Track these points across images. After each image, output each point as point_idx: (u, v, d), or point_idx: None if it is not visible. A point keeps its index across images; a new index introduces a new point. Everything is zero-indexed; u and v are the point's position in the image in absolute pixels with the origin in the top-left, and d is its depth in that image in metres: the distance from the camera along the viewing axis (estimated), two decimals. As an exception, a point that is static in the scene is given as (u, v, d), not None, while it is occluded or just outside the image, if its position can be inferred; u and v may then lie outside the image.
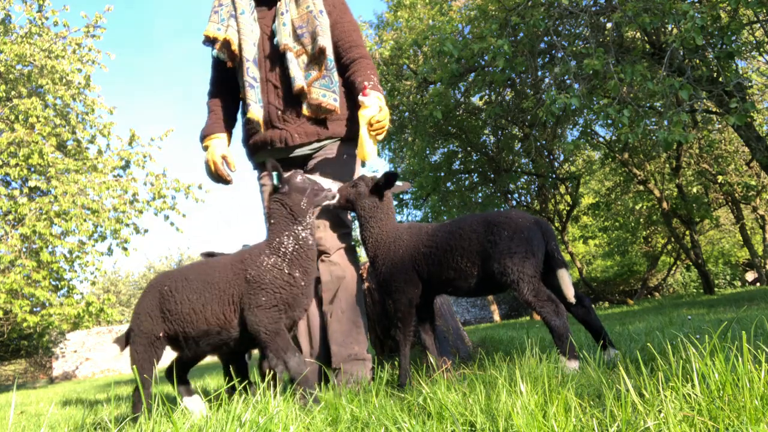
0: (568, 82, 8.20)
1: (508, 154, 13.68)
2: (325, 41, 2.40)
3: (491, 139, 14.04)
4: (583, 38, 8.42)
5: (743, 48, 7.84)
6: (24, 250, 9.77)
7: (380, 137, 2.38)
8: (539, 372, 1.77)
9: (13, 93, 10.25)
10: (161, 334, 2.21)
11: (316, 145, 2.57)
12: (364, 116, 2.31)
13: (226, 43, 2.47)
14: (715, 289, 14.94)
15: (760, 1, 5.87)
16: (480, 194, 14.63)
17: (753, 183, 13.91)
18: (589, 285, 16.46)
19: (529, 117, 10.63)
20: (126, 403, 3.37)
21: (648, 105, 8.79)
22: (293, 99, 2.47)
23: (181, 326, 2.18)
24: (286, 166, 2.61)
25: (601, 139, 13.14)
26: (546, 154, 13.62)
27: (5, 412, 3.83)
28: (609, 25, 8.07)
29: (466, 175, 14.39)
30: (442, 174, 13.54)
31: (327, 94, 2.40)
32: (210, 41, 2.52)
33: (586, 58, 7.05)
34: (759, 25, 7.64)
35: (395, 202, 15.23)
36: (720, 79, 6.98)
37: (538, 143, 11.82)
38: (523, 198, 15.85)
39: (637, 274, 21.83)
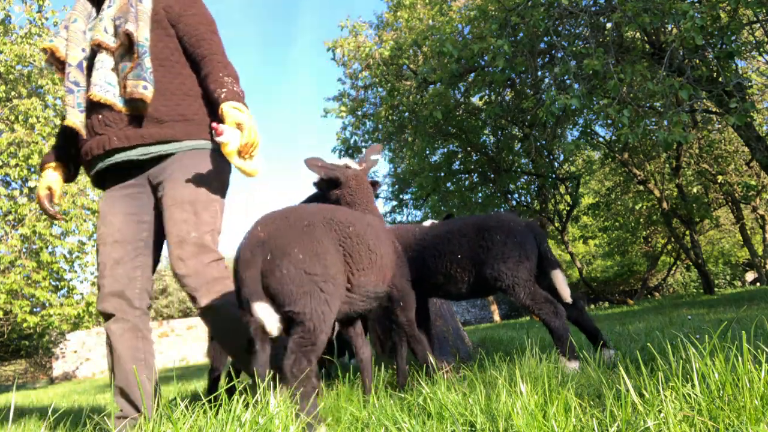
0: (568, 82, 8.20)
1: (508, 154, 13.67)
2: (133, 26, 2.15)
3: (491, 139, 14.04)
4: (583, 38, 8.42)
5: (743, 48, 7.84)
6: (24, 250, 9.77)
7: (255, 152, 2.13)
8: (539, 372, 1.77)
9: (13, 93, 10.25)
10: (348, 286, 1.98)
11: (142, 150, 2.20)
12: (228, 154, 2.08)
13: (51, 52, 2.30)
14: (715, 289, 14.94)
15: (759, 1, 5.87)
16: (480, 194, 14.62)
17: (753, 183, 13.90)
18: (589, 285, 16.47)
19: (529, 117, 10.63)
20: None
21: (648, 105, 8.80)
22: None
23: (368, 280, 2.02)
24: (113, 177, 2.30)
25: (601, 139, 13.14)
26: (546, 154, 13.62)
27: (5, 412, 3.83)
28: (609, 25, 8.07)
29: (466, 175, 14.39)
30: (442, 174, 13.54)
31: (138, 83, 2.12)
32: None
33: (586, 58, 7.05)
34: (759, 25, 7.64)
35: (395, 202, 15.22)
36: (720, 79, 6.98)
37: (538, 143, 11.82)
38: (523, 198, 15.85)
39: (637, 274, 21.84)
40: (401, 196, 15.13)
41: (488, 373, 2.02)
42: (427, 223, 4.39)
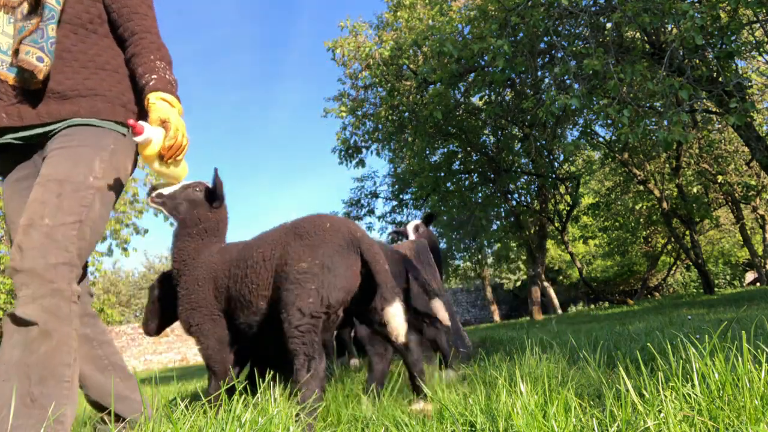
0: (568, 82, 8.21)
1: (508, 154, 13.68)
2: None
3: (491, 139, 14.05)
4: (583, 38, 8.43)
5: (743, 48, 7.84)
6: (24, 250, 9.76)
7: (181, 156, 1.84)
8: (539, 372, 1.77)
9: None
10: None
11: (38, 130, 1.81)
12: (148, 157, 1.77)
13: None
14: (715, 289, 14.95)
15: (759, 0, 5.87)
16: (480, 194, 14.64)
17: (753, 183, 13.92)
18: (589, 285, 16.48)
19: (529, 117, 10.64)
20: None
21: (648, 105, 8.80)
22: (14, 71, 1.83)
23: None
24: (5, 159, 1.91)
25: (601, 139, 13.15)
26: (546, 154, 13.64)
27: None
28: (609, 25, 8.07)
29: (466, 175, 14.40)
30: (442, 174, 13.54)
31: (31, 50, 1.73)
32: None
33: (586, 58, 7.06)
34: (759, 25, 7.64)
35: (395, 202, 15.22)
36: (720, 79, 6.98)
37: (538, 143, 11.83)
38: (523, 198, 15.86)
39: (637, 274, 21.85)
40: (401, 196, 15.14)
41: (488, 373, 2.02)
42: (411, 225, 4.39)
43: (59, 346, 1.58)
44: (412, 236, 4.28)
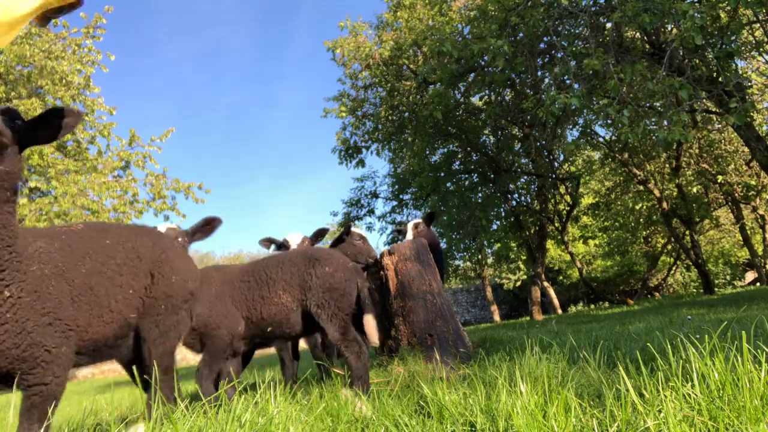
0: (568, 82, 8.21)
1: (508, 154, 13.68)
2: None
3: (491, 139, 14.04)
4: (582, 38, 8.43)
5: (743, 48, 7.84)
6: (24, 250, 9.76)
7: None
8: (539, 372, 1.77)
9: (12, 94, 10.25)
10: None
11: None
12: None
13: None
14: (715, 289, 14.94)
15: (759, 1, 5.87)
16: (480, 194, 14.63)
17: (753, 183, 13.92)
18: (589, 285, 16.47)
19: (529, 117, 10.64)
20: (124, 404, 3.35)
21: (648, 105, 8.80)
22: None
23: None
24: None
25: (601, 139, 13.15)
26: (546, 154, 13.63)
27: (5, 412, 3.83)
28: (609, 25, 8.07)
29: (466, 175, 14.39)
30: (442, 174, 13.54)
31: None
32: None
33: (586, 58, 7.06)
34: (759, 25, 7.64)
35: (395, 202, 15.20)
36: (720, 79, 6.98)
37: (538, 143, 11.83)
38: (523, 198, 15.85)
39: (637, 274, 21.84)
40: (401, 196, 15.13)
41: (488, 373, 2.02)
42: (411, 223, 4.42)
43: None
44: (410, 234, 4.31)
